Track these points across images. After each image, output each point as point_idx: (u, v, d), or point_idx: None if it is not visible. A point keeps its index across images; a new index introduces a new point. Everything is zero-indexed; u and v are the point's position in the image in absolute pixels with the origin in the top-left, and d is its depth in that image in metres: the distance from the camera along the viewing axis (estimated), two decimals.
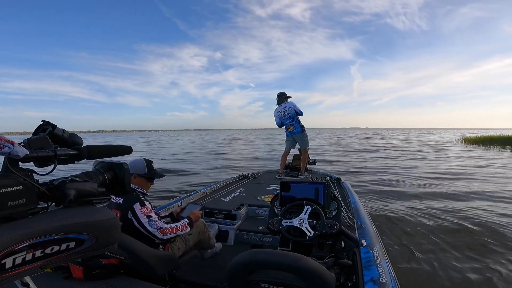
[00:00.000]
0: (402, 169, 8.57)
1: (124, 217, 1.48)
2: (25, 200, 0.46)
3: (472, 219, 3.74)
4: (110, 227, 0.52)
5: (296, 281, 1.02)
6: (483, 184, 6.13)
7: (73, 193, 0.52)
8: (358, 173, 7.92)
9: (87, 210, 0.53)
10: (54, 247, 0.45)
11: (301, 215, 1.69)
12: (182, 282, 1.42)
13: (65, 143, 0.60)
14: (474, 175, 7.27)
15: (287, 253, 1.11)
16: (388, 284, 1.20)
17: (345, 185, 3.49)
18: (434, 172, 7.75)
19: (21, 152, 0.47)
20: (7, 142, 0.45)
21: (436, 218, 3.83)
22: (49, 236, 0.44)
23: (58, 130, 0.59)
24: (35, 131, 0.59)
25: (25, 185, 0.46)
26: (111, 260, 1.35)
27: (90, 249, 0.50)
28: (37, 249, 0.43)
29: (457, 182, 6.39)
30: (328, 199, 1.87)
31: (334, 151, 15.70)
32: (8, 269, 0.41)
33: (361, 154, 13.92)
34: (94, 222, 0.50)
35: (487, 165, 9.06)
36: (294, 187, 1.97)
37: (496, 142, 18.00)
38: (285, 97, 4.70)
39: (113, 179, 0.63)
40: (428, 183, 6.28)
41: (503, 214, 3.96)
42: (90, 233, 0.49)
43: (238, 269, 1.10)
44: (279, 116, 4.67)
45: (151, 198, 1.84)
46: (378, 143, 20.61)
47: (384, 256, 1.51)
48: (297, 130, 4.58)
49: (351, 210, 2.45)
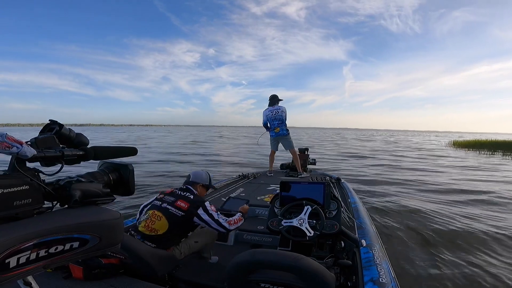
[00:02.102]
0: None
1: (191, 211, 1.61)
2: (31, 200, 0.46)
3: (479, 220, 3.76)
4: (114, 227, 0.52)
5: (296, 281, 1.02)
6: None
7: (79, 194, 0.52)
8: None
9: (91, 210, 0.53)
10: (58, 246, 0.45)
11: (301, 215, 1.69)
12: (182, 282, 1.42)
13: (72, 143, 0.60)
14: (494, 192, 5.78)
15: (286, 253, 1.11)
16: (388, 284, 1.20)
17: (345, 185, 3.49)
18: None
19: (29, 152, 0.47)
20: (15, 142, 0.45)
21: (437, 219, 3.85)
22: (54, 235, 0.44)
23: (65, 130, 0.59)
24: (42, 130, 0.59)
25: (31, 185, 0.46)
26: (111, 259, 1.35)
27: (94, 249, 0.50)
28: (41, 249, 0.43)
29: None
30: (328, 199, 1.87)
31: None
32: (12, 268, 0.41)
33: (349, 159, 12.00)
34: (99, 222, 0.50)
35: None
36: (294, 187, 1.97)
37: (486, 147, 18.10)
38: (277, 100, 4.87)
39: (118, 180, 0.64)
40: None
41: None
42: (94, 233, 0.49)
43: (238, 269, 1.11)
44: (268, 115, 4.84)
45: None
46: (365, 148, 19.02)
47: (384, 256, 1.51)
48: (283, 132, 4.78)
49: (351, 210, 2.45)
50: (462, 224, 3.63)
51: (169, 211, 1.61)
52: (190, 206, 1.62)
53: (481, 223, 3.67)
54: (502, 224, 3.64)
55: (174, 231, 1.59)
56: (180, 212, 1.59)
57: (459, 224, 3.65)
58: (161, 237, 1.55)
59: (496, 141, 19.25)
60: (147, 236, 1.54)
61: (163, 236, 1.55)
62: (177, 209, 1.60)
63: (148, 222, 1.60)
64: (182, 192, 1.72)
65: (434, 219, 3.84)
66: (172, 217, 1.58)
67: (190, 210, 1.61)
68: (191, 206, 1.62)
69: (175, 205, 1.62)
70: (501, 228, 3.48)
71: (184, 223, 1.62)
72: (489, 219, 3.88)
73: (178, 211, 1.60)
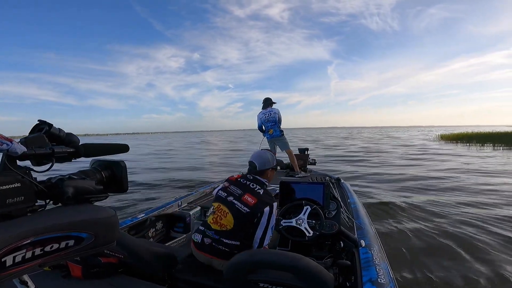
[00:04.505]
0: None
1: (259, 206, 1.43)
2: (23, 197, 0.46)
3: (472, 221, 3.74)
4: (109, 225, 0.52)
5: (295, 281, 1.02)
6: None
7: (71, 191, 0.52)
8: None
9: (86, 208, 0.53)
10: (54, 245, 0.45)
11: (300, 215, 1.69)
12: (181, 281, 1.42)
13: (62, 142, 0.59)
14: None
15: (286, 253, 1.11)
16: (387, 285, 1.20)
17: (344, 186, 3.49)
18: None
19: (19, 149, 0.46)
20: (5, 139, 0.45)
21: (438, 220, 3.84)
22: (49, 234, 0.44)
23: (55, 129, 0.59)
24: (32, 131, 0.59)
25: (23, 183, 0.46)
26: (110, 258, 1.35)
27: (89, 247, 0.50)
28: (36, 247, 0.43)
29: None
30: (327, 200, 1.87)
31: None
32: (8, 267, 0.41)
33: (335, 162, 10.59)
34: (93, 220, 0.50)
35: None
36: (293, 187, 1.97)
37: (474, 139, 18.14)
38: (270, 103, 4.93)
39: (111, 177, 0.63)
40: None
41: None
42: (89, 231, 0.49)
43: (237, 269, 1.11)
44: (261, 118, 4.90)
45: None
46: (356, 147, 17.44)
47: (383, 257, 1.51)
48: (276, 133, 4.83)
49: (351, 211, 2.45)
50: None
51: (235, 206, 1.45)
52: (258, 201, 1.44)
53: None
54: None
55: (240, 227, 1.44)
56: (246, 208, 1.43)
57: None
58: (233, 233, 1.42)
59: (484, 133, 19.38)
60: (221, 233, 1.43)
61: (235, 233, 1.42)
62: (243, 205, 1.44)
63: (215, 217, 1.47)
64: (252, 184, 1.53)
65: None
66: (238, 213, 1.43)
67: (258, 205, 1.44)
68: (259, 202, 1.44)
69: (242, 200, 1.45)
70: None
71: (249, 221, 1.45)
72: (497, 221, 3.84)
73: (244, 207, 1.43)
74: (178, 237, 2.32)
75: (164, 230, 2.44)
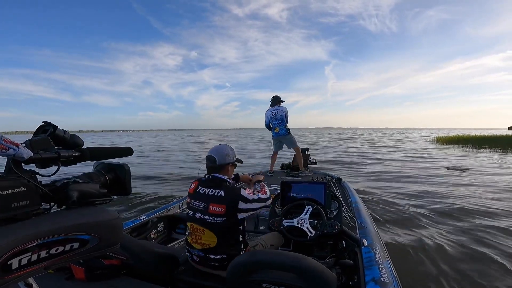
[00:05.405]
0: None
1: (231, 211, 1.37)
2: (28, 201, 0.46)
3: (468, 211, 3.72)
4: (113, 227, 0.53)
5: (297, 281, 1.02)
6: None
7: (76, 194, 0.52)
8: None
9: (90, 210, 0.53)
10: (59, 247, 0.46)
11: (302, 215, 1.69)
12: (184, 282, 1.42)
13: (66, 144, 0.60)
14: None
15: (288, 253, 1.11)
16: (390, 284, 1.20)
17: (346, 185, 3.48)
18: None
19: (26, 154, 0.47)
20: (12, 144, 0.45)
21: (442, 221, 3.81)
22: (54, 237, 0.45)
23: (59, 131, 0.59)
24: (36, 132, 0.59)
25: (28, 187, 0.46)
26: (112, 260, 1.35)
27: (94, 249, 0.50)
28: (42, 250, 0.44)
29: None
30: (329, 199, 1.87)
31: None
32: (15, 269, 0.41)
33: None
34: (98, 222, 0.50)
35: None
36: (295, 187, 1.97)
37: (470, 142, 17.77)
38: (278, 101, 4.92)
39: (115, 180, 0.64)
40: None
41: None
42: (93, 233, 0.49)
43: (239, 269, 1.11)
44: (269, 116, 4.90)
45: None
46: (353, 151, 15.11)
47: (386, 256, 1.51)
48: (283, 132, 4.82)
49: (352, 210, 2.45)
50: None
51: (207, 221, 1.38)
52: (227, 206, 1.37)
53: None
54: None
55: (226, 238, 1.39)
56: (219, 218, 1.36)
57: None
58: (217, 248, 1.38)
59: (481, 137, 19.00)
60: (205, 250, 1.39)
61: (218, 248, 1.38)
62: (214, 216, 1.36)
63: (194, 237, 1.42)
64: (210, 191, 1.42)
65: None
66: (213, 226, 1.37)
67: (229, 211, 1.37)
68: (228, 206, 1.37)
69: (210, 213, 1.37)
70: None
71: (231, 226, 1.40)
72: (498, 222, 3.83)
73: (216, 218, 1.36)
74: (180, 239, 2.32)
75: (166, 231, 2.44)
